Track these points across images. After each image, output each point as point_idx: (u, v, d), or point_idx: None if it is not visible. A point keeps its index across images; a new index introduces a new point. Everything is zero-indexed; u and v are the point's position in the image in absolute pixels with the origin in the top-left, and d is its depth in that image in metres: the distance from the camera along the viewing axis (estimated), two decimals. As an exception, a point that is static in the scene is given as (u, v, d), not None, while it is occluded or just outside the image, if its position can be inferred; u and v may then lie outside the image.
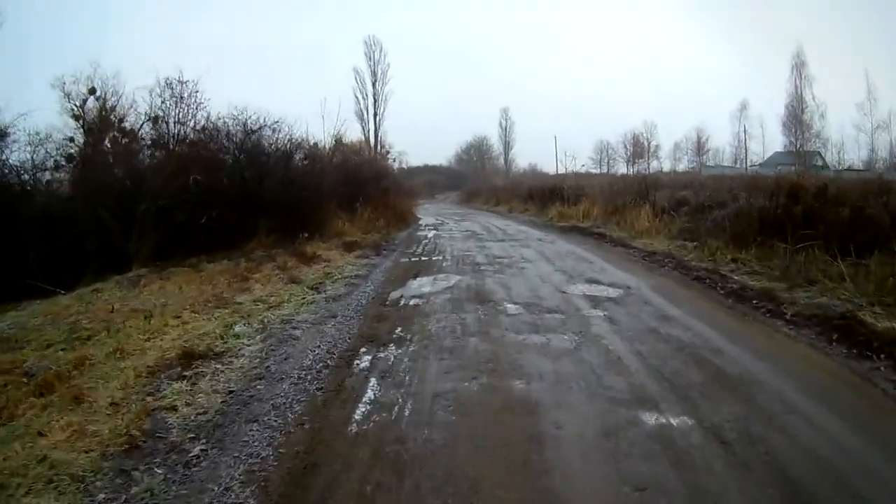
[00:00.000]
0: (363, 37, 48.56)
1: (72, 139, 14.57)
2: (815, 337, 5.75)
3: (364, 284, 9.16)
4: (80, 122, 14.57)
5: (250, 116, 15.44)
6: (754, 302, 7.25)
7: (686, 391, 4.32)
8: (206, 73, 14.33)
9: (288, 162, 16.22)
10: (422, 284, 8.85)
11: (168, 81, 14.67)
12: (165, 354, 5.39)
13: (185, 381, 4.75)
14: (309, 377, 4.83)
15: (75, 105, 14.46)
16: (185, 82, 14.83)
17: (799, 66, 45.30)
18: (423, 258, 12.01)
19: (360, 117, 45.91)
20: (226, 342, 5.93)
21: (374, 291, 8.53)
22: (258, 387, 4.69)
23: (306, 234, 14.20)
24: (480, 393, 4.33)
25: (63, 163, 14.03)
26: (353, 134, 39.61)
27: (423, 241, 15.37)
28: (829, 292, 7.14)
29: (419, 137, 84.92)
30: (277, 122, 16.06)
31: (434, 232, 18.40)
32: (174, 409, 4.23)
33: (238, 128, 15.31)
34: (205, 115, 15.15)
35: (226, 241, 13.13)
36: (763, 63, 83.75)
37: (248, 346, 5.83)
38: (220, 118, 15.13)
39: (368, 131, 45.97)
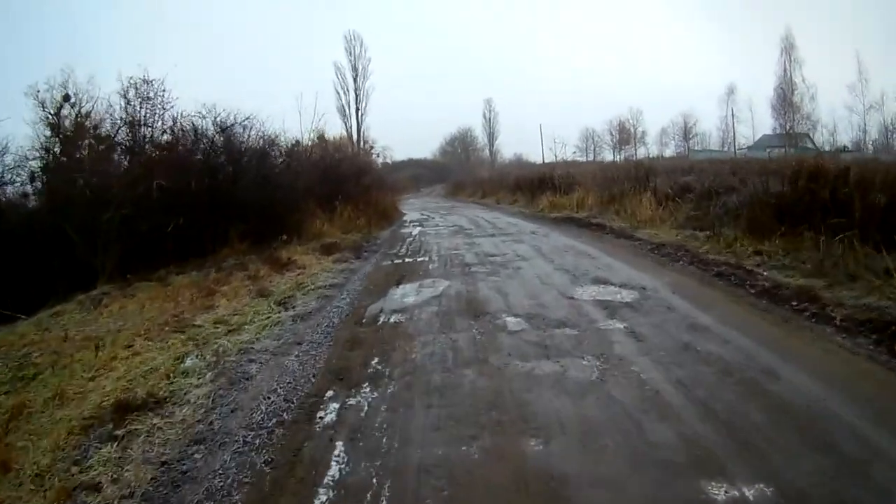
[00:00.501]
0: (343, 32, 50.85)
1: (47, 149, 13.42)
2: (874, 348, 4.74)
3: (339, 296, 8.04)
4: (56, 130, 13.38)
5: (220, 114, 14.43)
6: (793, 304, 6.18)
7: (751, 440, 3.26)
8: (172, 71, 13.27)
9: (262, 161, 15.19)
10: (405, 294, 7.72)
11: (132, 81, 13.41)
12: (104, 402, 4.62)
13: (116, 444, 3.89)
14: (258, 441, 3.70)
15: (50, 113, 13.26)
16: (151, 81, 13.58)
17: (788, 49, 45.28)
18: (406, 260, 10.88)
19: (342, 113, 46.60)
20: (172, 383, 4.99)
21: (349, 305, 7.41)
22: (196, 455, 3.61)
23: (284, 237, 13.37)
24: (482, 463, 3.18)
25: (36, 173, 13.02)
26: (335, 130, 40.82)
27: (408, 240, 14.22)
28: (876, 291, 6.08)
29: (403, 132, 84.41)
30: (249, 118, 15.00)
31: (419, 228, 17.26)
32: (97, 487, 3.37)
33: (207, 127, 14.20)
34: (172, 115, 14.05)
35: (197, 249, 12.33)
36: (751, 46, 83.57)
37: (196, 387, 4.81)
38: (185, 117, 14.00)
39: (351, 127, 46.42)
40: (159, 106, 13.81)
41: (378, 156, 46.64)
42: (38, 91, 12.97)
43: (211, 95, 30.33)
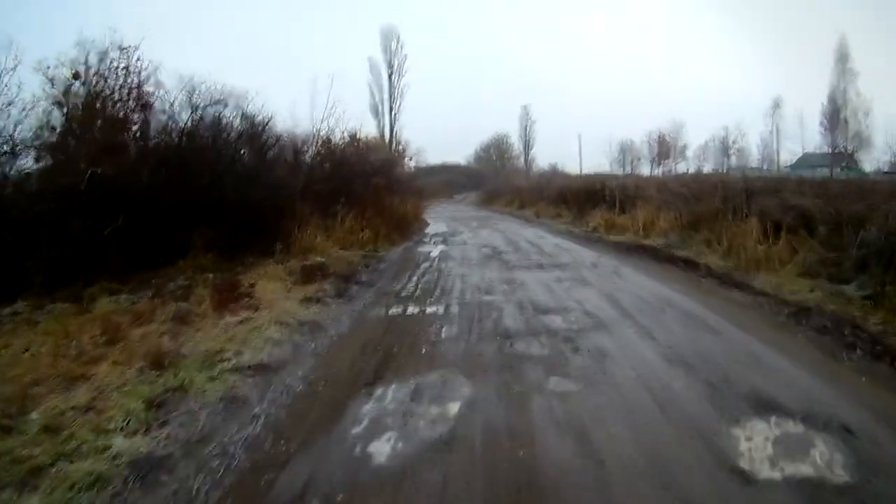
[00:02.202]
0: (380, 26, 46.73)
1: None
2: None
3: (255, 405, 4.21)
4: (64, 109, 10.19)
5: (198, 88, 11.02)
6: None
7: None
8: (148, 35, 10.28)
9: (249, 151, 11.56)
10: (371, 430, 3.72)
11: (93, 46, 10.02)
12: None
13: None
14: None
15: (58, 91, 10.07)
16: (125, 49, 10.16)
17: (842, 60, 40.90)
18: (408, 310, 7.03)
19: (375, 111, 44.21)
20: None
21: (243, 463, 3.47)
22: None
23: (280, 246, 10.74)
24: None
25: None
26: (367, 128, 37.17)
27: (422, 267, 10.44)
28: None
29: (438, 135, 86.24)
30: (237, 96, 11.63)
31: (441, 248, 13.48)
32: None
33: (175, 104, 10.91)
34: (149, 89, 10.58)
35: (151, 259, 9.26)
36: (804, 58, 77.74)
37: None
38: (157, 91, 10.68)
39: (384, 126, 44.05)
40: (132, 78, 10.32)
41: (411, 158, 45.60)
42: (48, 66, 9.67)
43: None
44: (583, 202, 21.25)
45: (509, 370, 4.64)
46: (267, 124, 12.60)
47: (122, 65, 10.10)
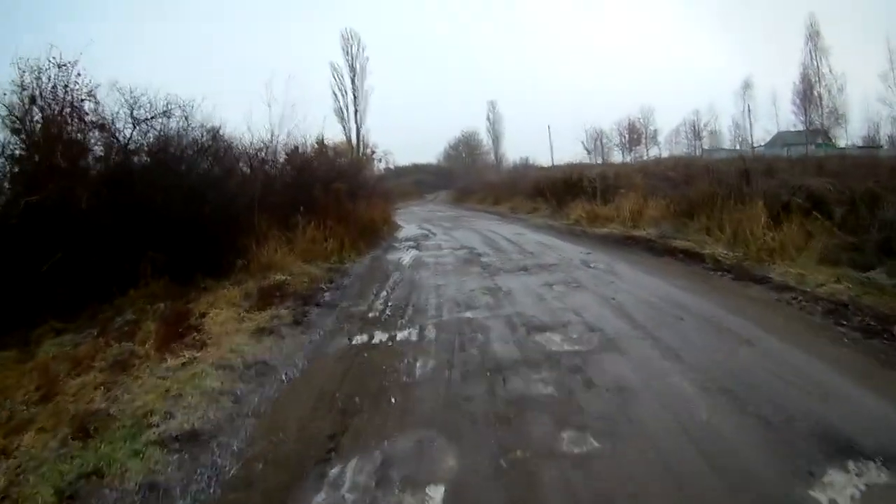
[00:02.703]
0: (340, 30, 46.79)
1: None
2: None
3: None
4: (22, 136, 8.90)
5: (139, 99, 9.79)
6: None
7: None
8: (88, 47, 9.13)
9: (197, 164, 10.42)
10: None
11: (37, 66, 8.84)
12: None
13: None
14: None
15: (15, 117, 8.79)
16: (63, 66, 8.92)
17: (812, 37, 41.37)
18: (374, 340, 5.81)
19: (340, 115, 43.44)
20: None
21: None
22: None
23: (241, 262, 9.78)
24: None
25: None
26: (333, 133, 39.20)
27: (391, 279, 9.25)
28: None
29: (406, 136, 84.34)
30: (183, 106, 10.48)
31: (413, 253, 12.33)
32: None
33: (115, 117, 9.68)
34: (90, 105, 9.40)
35: (101, 290, 8.06)
36: (773, 36, 77.91)
37: None
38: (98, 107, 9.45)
39: (349, 130, 43.59)
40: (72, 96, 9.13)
41: (380, 160, 45.71)
42: (4, 94, 8.67)
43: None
44: (561, 194, 20.28)
45: (506, 425, 3.51)
46: (217, 133, 11.38)
47: (61, 83, 8.88)
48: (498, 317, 6.13)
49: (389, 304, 7.33)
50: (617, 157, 57.12)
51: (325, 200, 12.75)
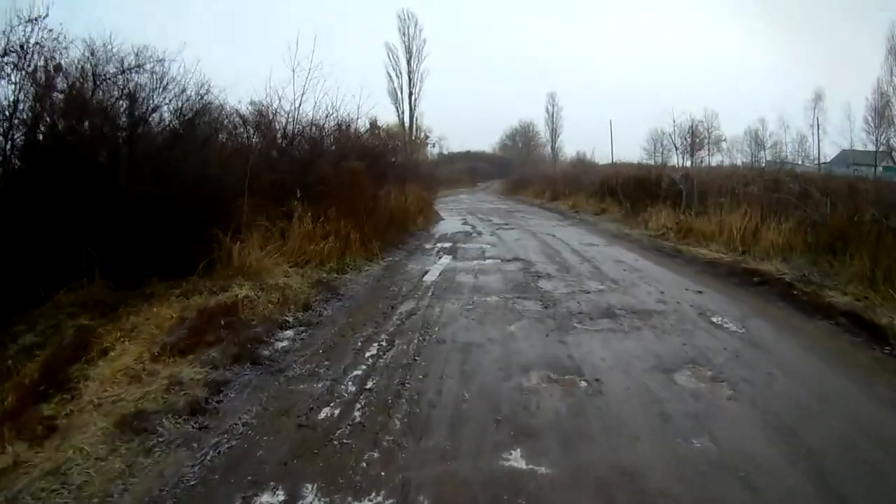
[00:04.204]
0: (396, 10, 45.24)
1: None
2: None
3: None
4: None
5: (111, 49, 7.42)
6: None
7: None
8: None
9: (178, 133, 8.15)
10: None
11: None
12: None
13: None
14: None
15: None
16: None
17: (894, 50, 36.19)
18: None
19: (394, 97, 42.39)
20: None
21: None
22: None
23: (218, 257, 7.22)
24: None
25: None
26: (387, 115, 37.77)
27: (397, 314, 5.89)
28: None
29: (461, 123, 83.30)
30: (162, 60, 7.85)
31: (446, 261, 9.08)
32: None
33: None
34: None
35: (27, 294, 5.90)
36: (850, 49, 71.38)
37: None
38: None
39: (403, 112, 42.39)
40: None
41: (433, 145, 46.50)
42: None
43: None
44: (636, 196, 16.68)
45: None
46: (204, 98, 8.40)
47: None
48: (585, 482, 2.78)
49: (373, 383, 4.03)
50: (675, 160, 53.15)
51: (334, 183, 9.51)
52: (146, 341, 4.81)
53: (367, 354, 4.63)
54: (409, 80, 42.92)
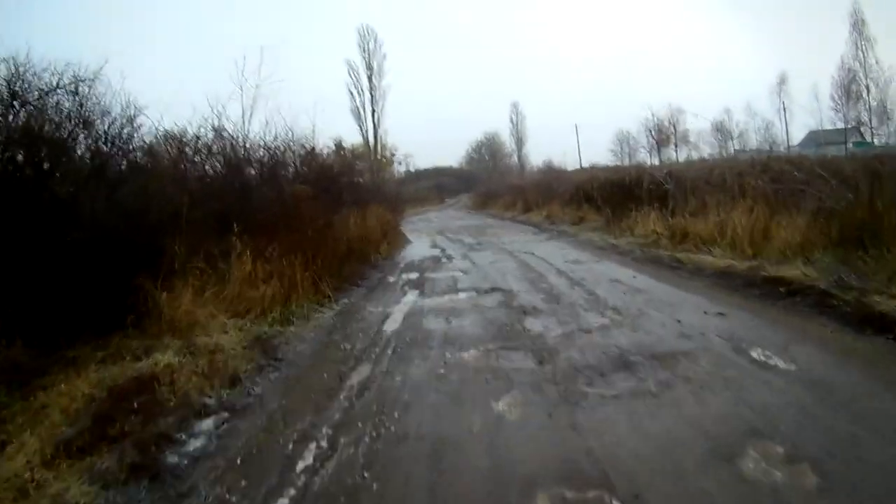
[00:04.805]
0: (356, 26, 44.74)
1: None
2: None
3: None
4: None
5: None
6: None
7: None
8: None
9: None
10: None
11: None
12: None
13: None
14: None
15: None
16: None
17: (857, 25, 38.15)
18: None
19: (357, 115, 42.02)
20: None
21: None
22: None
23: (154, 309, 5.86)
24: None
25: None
26: (350, 135, 37.56)
27: (346, 389, 4.33)
28: None
29: (425, 139, 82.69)
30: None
31: (412, 300, 7.63)
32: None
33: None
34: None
35: None
36: (813, 28, 71.95)
37: None
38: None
39: (367, 131, 42.08)
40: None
41: (399, 163, 46.16)
42: None
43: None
44: (616, 201, 15.41)
45: None
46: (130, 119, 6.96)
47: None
48: None
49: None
50: (644, 159, 53.54)
51: (278, 212, 8.03)
52: (48, 431, 3.66)
53: (299, 468, 3.15)
54: (372, 97, 42.49)
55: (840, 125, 39.60)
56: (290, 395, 4.33)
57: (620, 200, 15.33)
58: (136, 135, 7.38)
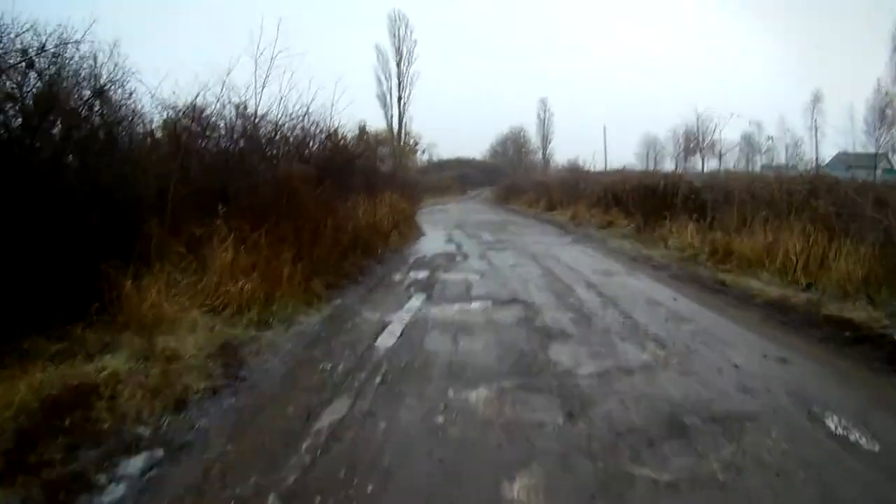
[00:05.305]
0: (387, 11, 44.20)
1: None
2: None
3: None
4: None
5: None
6: None
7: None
8: None
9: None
10: None
11: None
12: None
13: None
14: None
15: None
16: None
17: None
18: None
19: (382, 101, 41.98)
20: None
21: None
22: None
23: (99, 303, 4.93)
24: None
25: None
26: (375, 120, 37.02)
27: (310, 439, 3.33)
28: None
29: (450, 129, 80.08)
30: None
31: (416, 305, 6.64)
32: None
33: None
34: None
35: None
36: (851, 49, 69.91)
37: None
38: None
39: (391, 117, 41.93)
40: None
41: (423, 151, 46.32)
42: None
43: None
44: (648, 209, 14.29)
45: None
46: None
47: None
48: None
49: None
50: (669, 166, 52.28)
51: (269, 196, 7.05)
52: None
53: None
54: (399, 83, 42.16)
55: (870, 149, 38.22)
56: (240, 436, 3.33)
57: (653, 207, 14.25)
58: (125, 102, 6.51)
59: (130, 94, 6.59)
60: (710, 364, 4.56)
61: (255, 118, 8.80)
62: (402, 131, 42.16)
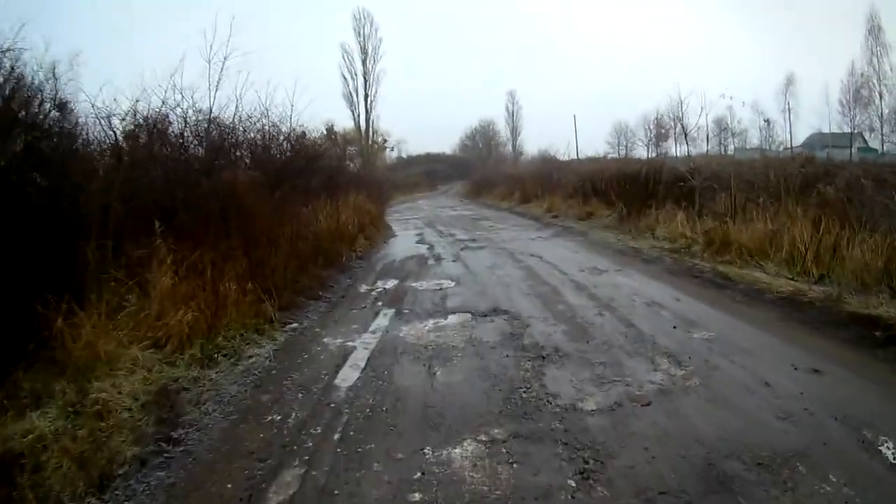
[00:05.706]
0: (352, 10, 43.11)
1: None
2: None
3: None
4: None
5: None
6: None
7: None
8: None
9: None
10: None
11: None
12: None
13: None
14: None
15: None
16: None
17: (873, 31, 36.45)
18: None
19: (349, 100, 41.32)
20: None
21: None
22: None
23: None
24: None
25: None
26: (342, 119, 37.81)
27: None
28: None
29: (420, 125, 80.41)
30: None
31: (383, 323, 5.77)
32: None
33: None
34: None
35: None
36: (826, 31, 70.42)
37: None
38: None
39: (358, 115, 41.40)
40: None
41: (392, 149, 46.16)
42: None
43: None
44: (630, 197, 13.62)
45: None
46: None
47: None
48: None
49: None
50: (640, 153, 51.82)
51: (210, 207, 6.13)
52: None
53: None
54: (365, 81, 41.66)
55: (845, 129, 38.93)
56: None
57: (635, 195, 13.59)
58: (53, 112, 5.57)
59: (64, 102, 5.71)
60: (738, 384, 3.81)
61: (208, 123, 7.88)
62: (370, 129, 41.96)
